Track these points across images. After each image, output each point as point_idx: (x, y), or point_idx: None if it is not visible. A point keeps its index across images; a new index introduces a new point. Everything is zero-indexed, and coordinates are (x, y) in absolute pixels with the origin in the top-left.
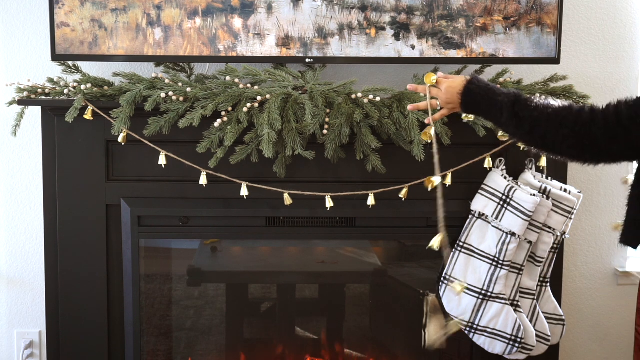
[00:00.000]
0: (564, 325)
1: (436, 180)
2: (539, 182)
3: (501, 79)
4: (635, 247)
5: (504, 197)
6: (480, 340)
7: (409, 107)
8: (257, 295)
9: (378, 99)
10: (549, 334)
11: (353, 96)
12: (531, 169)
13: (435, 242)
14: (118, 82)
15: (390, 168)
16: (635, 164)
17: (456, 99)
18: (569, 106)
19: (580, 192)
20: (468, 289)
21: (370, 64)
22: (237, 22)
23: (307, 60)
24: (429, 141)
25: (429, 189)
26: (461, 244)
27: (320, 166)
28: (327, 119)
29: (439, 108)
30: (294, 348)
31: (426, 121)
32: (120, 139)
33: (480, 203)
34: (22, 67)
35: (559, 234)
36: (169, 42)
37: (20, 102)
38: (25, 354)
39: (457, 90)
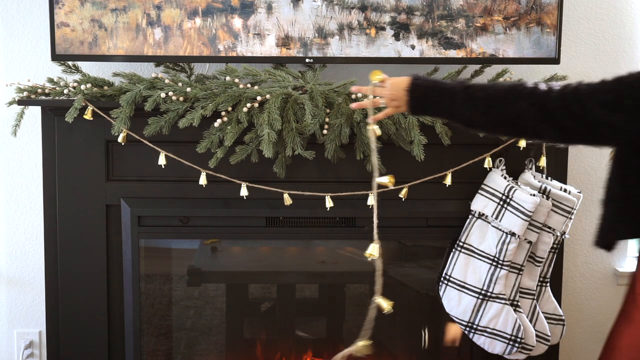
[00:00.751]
0: (563, 325)
1: (383, 180)
2: (539, 182)
3: (501, 79)
4: (609, 249)
5: (503, 197)
6: (480, 340)
7: (352, 105)
8: (257, 295)
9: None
10: (549, 334)
11: (353, 96)
12: (531, 169)
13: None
14: (118, 82)
15: (390, 168)
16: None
17: (402, 94)
18: (524, 82)
19: (580, 192)
20: (468, 288)
21: (370, 64)
22: (237, 22)
23: (307, 60)
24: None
25: (391, 186)
26: (461, 244)
27: (320, 166)
28: (327, 119)
29: (382, 106)
30: (294, 348)
31: (368, 120)
32: (120, 139)
33: (480, 203)
34: (22, 67)
35: (558, 234)
36: (168, 42)
37: (20, 102)
38: (25, 354)
39: (402, 87)
